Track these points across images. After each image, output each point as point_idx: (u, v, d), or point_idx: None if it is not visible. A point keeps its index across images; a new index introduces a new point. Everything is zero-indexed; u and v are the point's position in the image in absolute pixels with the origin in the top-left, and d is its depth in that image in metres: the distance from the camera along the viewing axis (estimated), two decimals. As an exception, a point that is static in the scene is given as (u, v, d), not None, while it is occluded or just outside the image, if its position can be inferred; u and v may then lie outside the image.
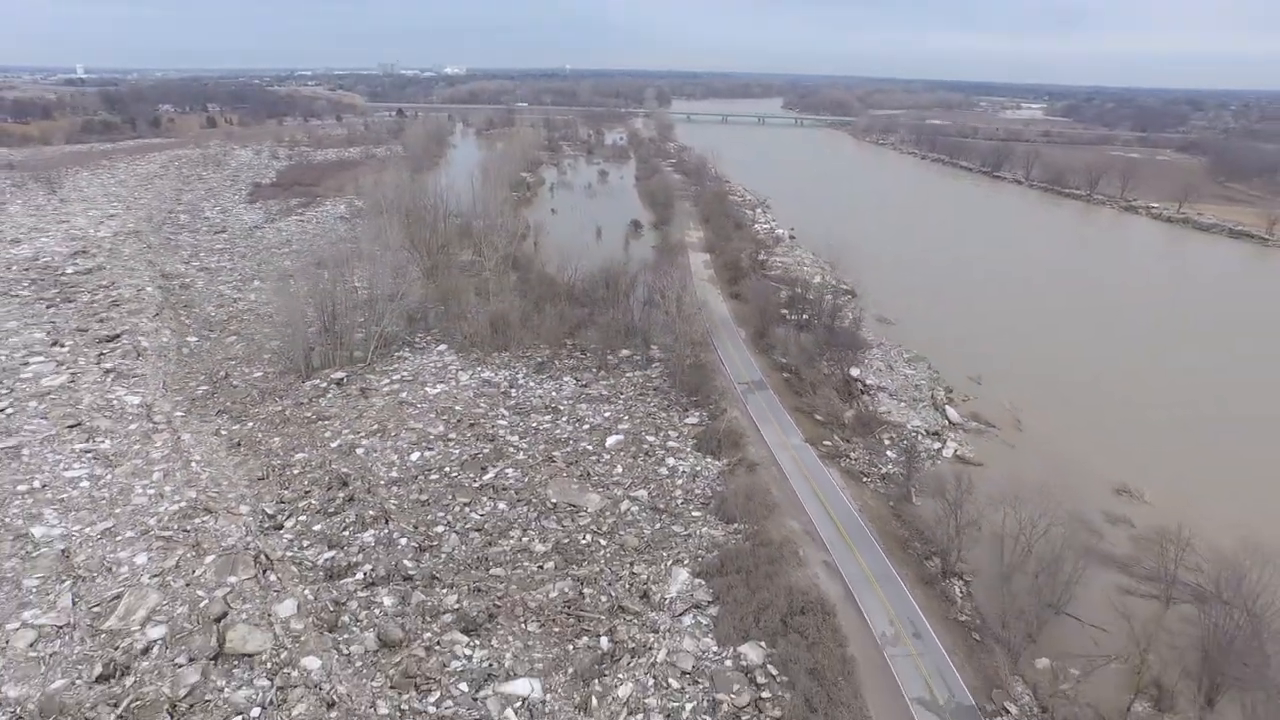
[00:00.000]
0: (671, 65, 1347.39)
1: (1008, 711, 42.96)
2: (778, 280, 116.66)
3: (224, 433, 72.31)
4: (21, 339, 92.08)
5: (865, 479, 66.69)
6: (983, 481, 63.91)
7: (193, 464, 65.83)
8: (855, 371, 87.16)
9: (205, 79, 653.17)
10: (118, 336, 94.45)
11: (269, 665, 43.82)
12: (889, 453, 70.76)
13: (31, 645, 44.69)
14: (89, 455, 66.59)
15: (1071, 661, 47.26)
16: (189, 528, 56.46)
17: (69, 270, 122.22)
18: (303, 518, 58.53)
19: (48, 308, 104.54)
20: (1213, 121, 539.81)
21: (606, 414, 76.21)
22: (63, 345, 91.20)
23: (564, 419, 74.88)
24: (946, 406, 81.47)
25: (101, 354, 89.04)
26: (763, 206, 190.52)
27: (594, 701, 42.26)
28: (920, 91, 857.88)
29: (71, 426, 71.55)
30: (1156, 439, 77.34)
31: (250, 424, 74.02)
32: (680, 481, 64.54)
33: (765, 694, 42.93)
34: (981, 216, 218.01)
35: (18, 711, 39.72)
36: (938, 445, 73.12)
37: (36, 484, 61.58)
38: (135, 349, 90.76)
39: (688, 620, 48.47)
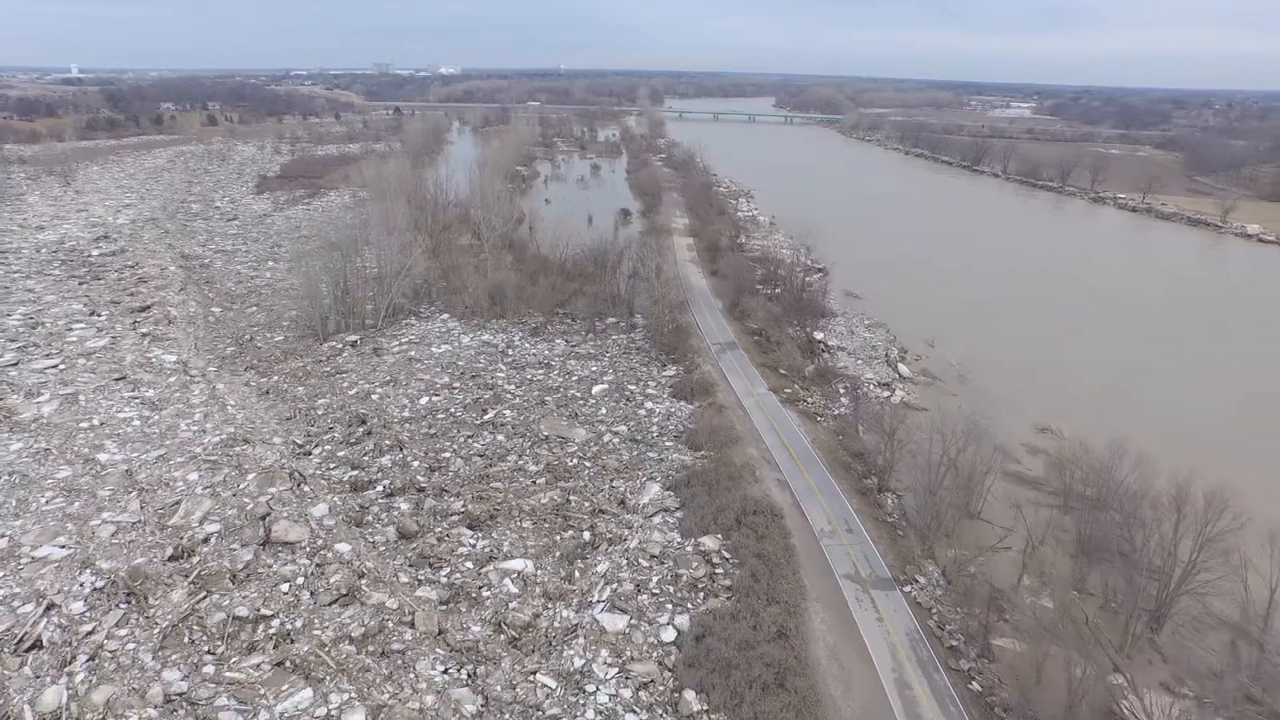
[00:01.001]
0: (665, 65, 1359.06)
1: (917, 581, 52.45)
2: (755, 260, 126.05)
3: (253, 384, 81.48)
4: (62, 309, 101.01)
5: (819, 418, 76.17)
6: (924, 420, 73.38)
7: (228, 407, 74.98)
8: (819, 335, 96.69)
9: (203, 78, 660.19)
10: (148, 308, 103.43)
11: (308, 549, 53.01)
12: (843, 399, 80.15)
13: (112, 535, 53.80)
14: (136, 401, 75.65)
15: (978, 552, 56.69)
16: (231, 454, 65.62)
17: (94, 253, 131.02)
18: (328, 447, 67.79)
19: (80, 284, 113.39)
20: (1194, 120, 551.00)
21: (593, 368, 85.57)
22: (99, 315, 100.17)
23: (555, 373, 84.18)
24: (899, 364, 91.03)
25: (135, 322, 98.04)
26: (746, 196, 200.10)
27: (577, 575, 51.62)
28: (911, 90, 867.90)
29: (118, 379, 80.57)
30: (1084, 391, 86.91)
31: (276, 377, 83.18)
32: (656, 420, 73.92)
33: (719, 570, 52.29)
34: (955, 206, 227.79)
35: (112, 579, 48.82)
36: (887, 394, 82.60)
37: (95, 422, 70.65)
38: (166, 317, 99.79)
39: (657, 520, 57.83)
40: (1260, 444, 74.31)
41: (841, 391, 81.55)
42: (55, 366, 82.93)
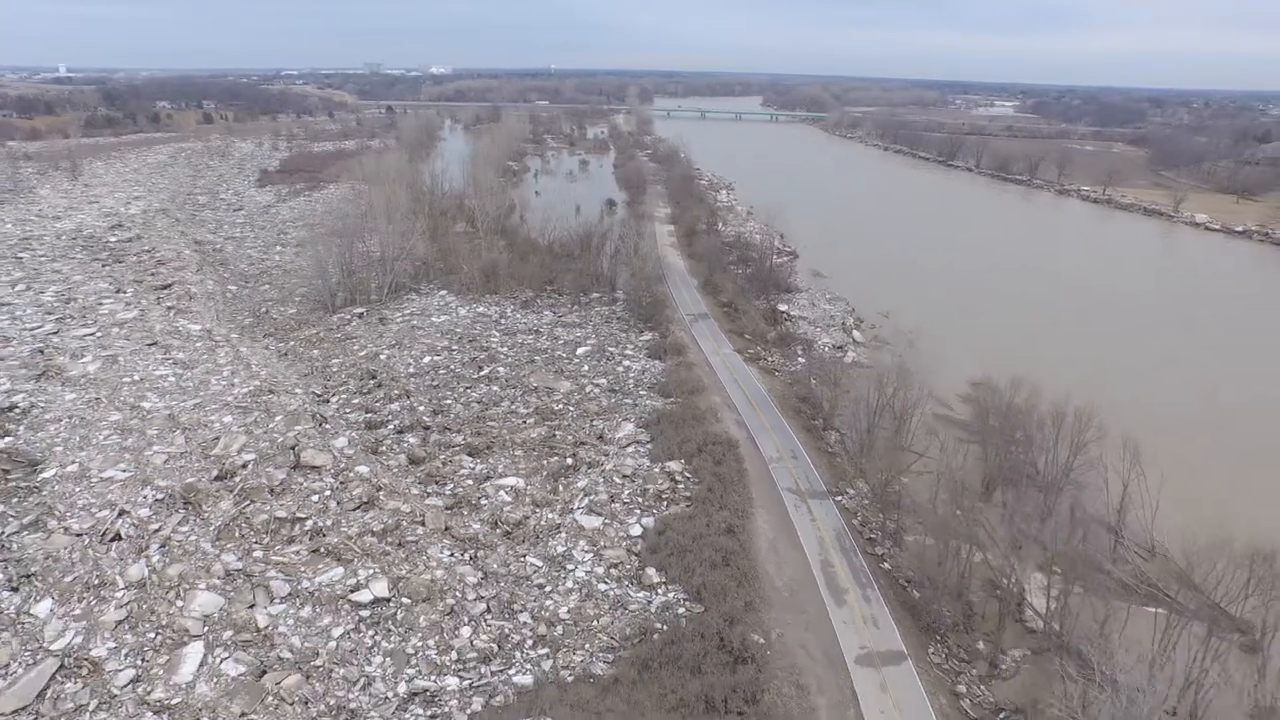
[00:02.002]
0: (655, 65, 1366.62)
1: (847, 493, 62.45)
2: (729, 243, 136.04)
3: (272, 348, 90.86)
4: (90, 287, 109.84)
5: (776, 373, 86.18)
6: (870, 374, 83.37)
7: (252, 366, 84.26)
8: (783, 307, 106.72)
9: (195, 77, 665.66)
10: (169, 286, 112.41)
11: (332, 471, 62.43)
12: (799, 359, 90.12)
13: (164, 462, 63.08)
14: (169, 361, 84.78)
15: (902, 472, 66.65)
16: (258, 401, 74.90)
17: (111, 240, 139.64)
18: (343, 396, 77.34)
19: (103, 266, 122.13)
20: (1168, 118, 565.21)
21: (578, 334, 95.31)
22: (125, 292, 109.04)
23: (544, 338, 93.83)
24: (854, 331, 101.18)
25: (159, 297, 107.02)
26: (727, 188, 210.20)
27: (560, 489, 61.38)
28: (899, 90, 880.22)
29: (150, 345, 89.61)
30: (1019, 352, 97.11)
31: (292, 343, 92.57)
32: (633, 375, 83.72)
33: (680, 485, 62.12)
34: (924, 197, 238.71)
35: (169, 493, 58.12)
36: (840, 354, 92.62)
37: (136, 377, 79.79)
38: (186, 294, 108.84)
39: (630, 450, 67.66)
40: (1153, 384, 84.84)
41: (799, 352, 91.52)
42: (92, 334, 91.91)
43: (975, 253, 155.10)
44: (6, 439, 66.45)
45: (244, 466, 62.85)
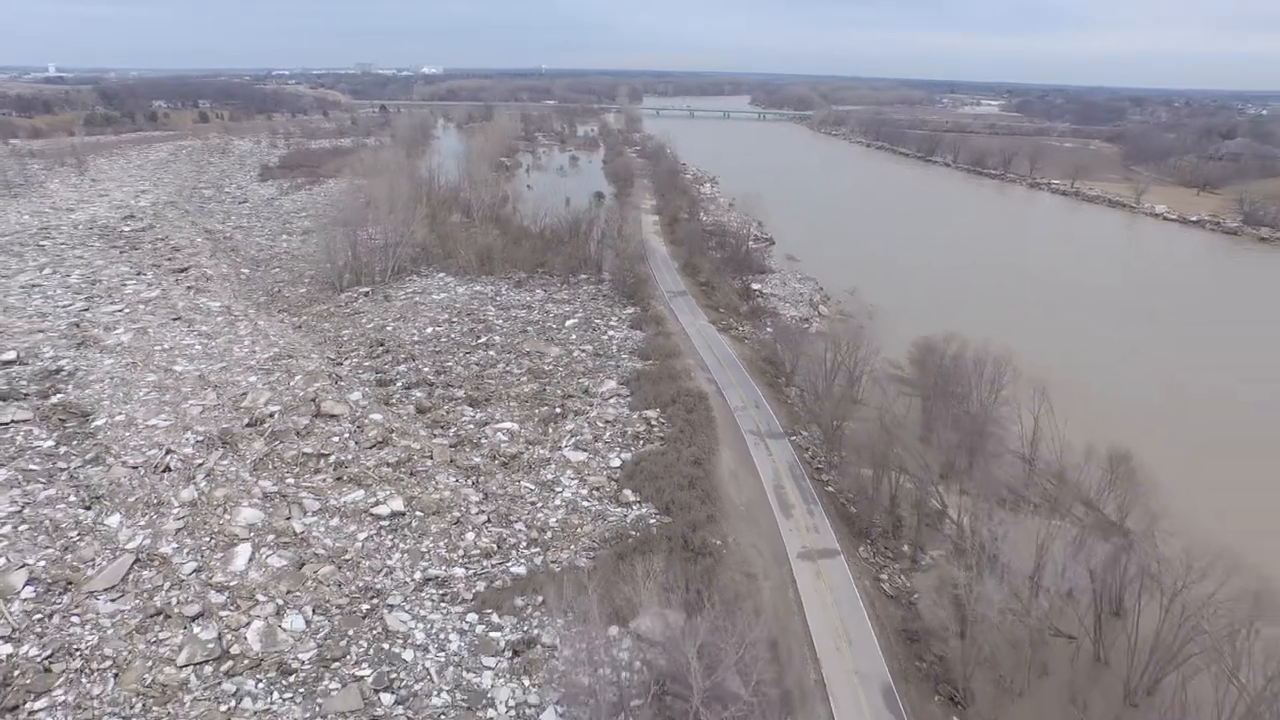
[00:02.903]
0: (646, 65, 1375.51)
1: (801, 434, 71.47)
2: (709, 230, 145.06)
3: (286, 322, 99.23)
4: (112, 270, 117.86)
5: (746, 341, 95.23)
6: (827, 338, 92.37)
7: (270, 336, 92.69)
8: (756, 285, 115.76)
9: (187, 77, 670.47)
10: (186, 269, 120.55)
11: (349, 418, 71.04)
12: (768, 329, 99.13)
13: (200, 413, 71.54)
14: (194, 333, 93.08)
15: (850, 418, 75.70)
16: (279, 364, 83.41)
17: (126, 229, 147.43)
18: (355, 360, 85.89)
19: (121, 252, 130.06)
20: (1147, 116, 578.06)
21: (566, 309, 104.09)
22: (145, 274, 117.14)
23: (535, 312, 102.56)
24: (820, 305, 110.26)
25: (178, 279, 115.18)
26: (711, 182, 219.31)
27: (550, 430, 70.19)
28: (887, 89, 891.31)
29: (174, 319, 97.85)
30: (969, 318, 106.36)
31: (304, 317, 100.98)
32: (616, 342, 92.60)
33: (655, 429, 71.01)
34: (898, 187, 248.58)
35: (208, 436, 66.61)
36: (805, 325, 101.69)
37: (166, 346, 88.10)
38: (203, 276, 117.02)
39: (612, 401, 76.49)
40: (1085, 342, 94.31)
41: (768, 324, 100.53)
42: (120, 310, 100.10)
43: (942, 239, 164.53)
44: (59, 395, 74.79)
45: (271, 415, 71.44)
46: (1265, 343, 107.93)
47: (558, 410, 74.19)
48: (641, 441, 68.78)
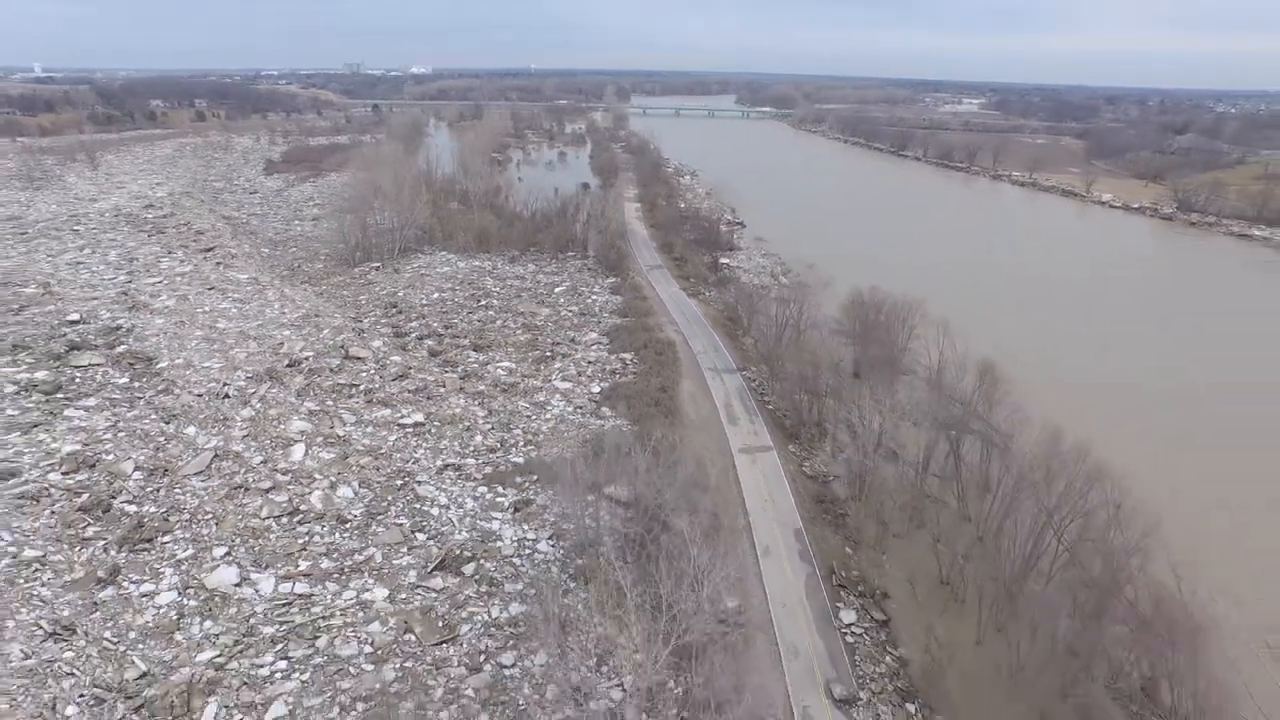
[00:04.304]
0: (634, 65, 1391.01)
1: (750, 370, 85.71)
2: (685, 215, 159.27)
3: (309, 290, 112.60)
4: (145, 250, 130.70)
5: (711, 304, 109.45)
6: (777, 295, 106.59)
7: (296, 301, 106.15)
8: (725, 260, 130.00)
9: (176, 77, 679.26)
10: (212, 249, 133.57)
11: (373, 360, 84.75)
12: (731, 295, 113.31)
13: (246, 357, 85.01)
14: (228, 299, 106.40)
15: (793, 358, 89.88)
16: (308, 321, 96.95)
17: (149, 216, 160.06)
18: (373, 318, 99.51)
19: (149, 235, 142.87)
20: (1119, 114, 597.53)
21: (555, 279, 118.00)
22: (175, 253, 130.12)
23: (528, 281, 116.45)
24: (780, 276, 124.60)
25: (205, 257, 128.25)
26: (691, 174, 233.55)
27: (542, 368, 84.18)
28: (872, 87, 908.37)
29: (209, 289, 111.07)
30: (908, 278, 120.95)
31: (324, 287, 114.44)
32: (598, 304, 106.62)
33: (629, 367, 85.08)
34: (866, 179, 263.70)
35: (255, 372, 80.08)
36: (765, 292, 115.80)
37: (206, 309, 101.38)
38: (229, 254, 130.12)
39: (594, 347, 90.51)
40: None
41: (732, 290, 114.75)
42: (160, 282, 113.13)
43: (899, 219, 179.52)
44: (123, 346, 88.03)
45: (306, 359, 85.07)
46: (1177, 305, 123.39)
47: (548, 354, 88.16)
48: (617, 375, 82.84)
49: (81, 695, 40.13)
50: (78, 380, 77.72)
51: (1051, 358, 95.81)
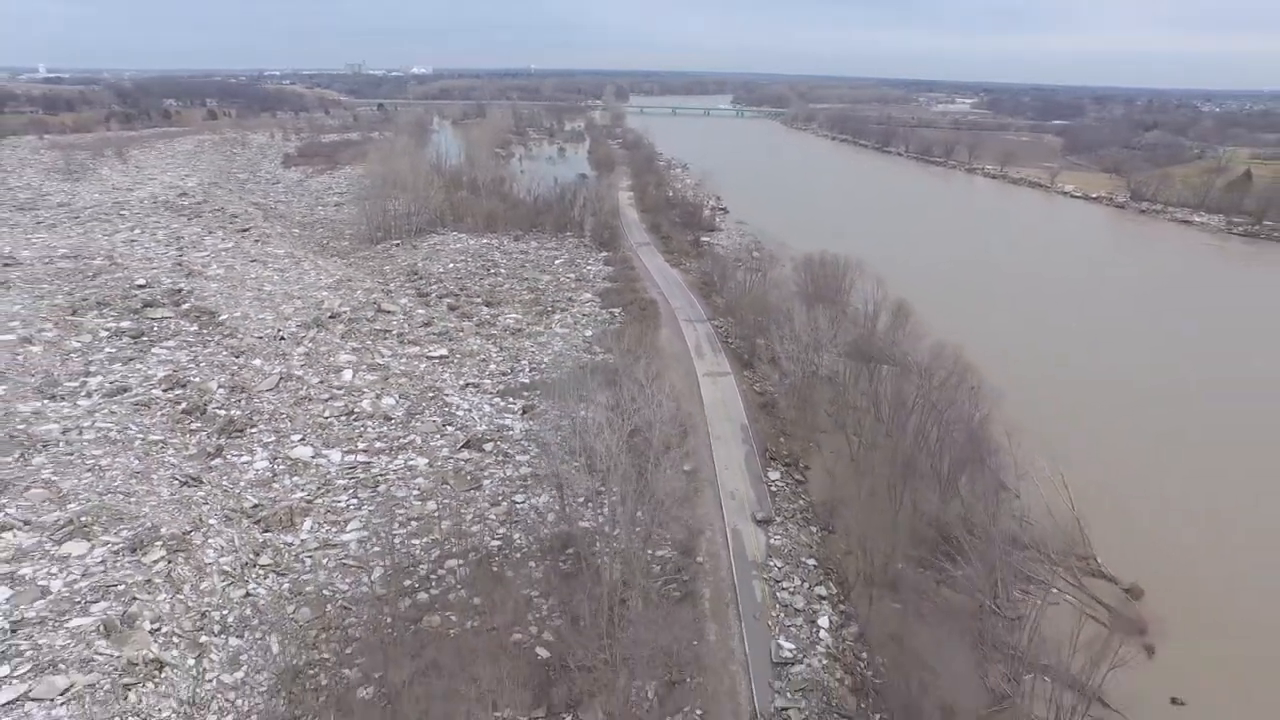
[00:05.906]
0: (633, 65, 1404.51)
1: (718, 320, 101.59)
2: (674, 202, 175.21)
3: (339, 262, 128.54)
4: (188, 230, 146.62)
5: (690, 273, 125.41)
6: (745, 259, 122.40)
7: (330, 270, 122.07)
8: (706, 238, 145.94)
9: (179, 77, 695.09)
10: (248, 229, 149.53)
11: (402, 313, 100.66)
12: (708, 265, 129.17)
13: (293, 312, 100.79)
14: (270, 269, 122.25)
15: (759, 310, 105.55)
16: (343, 284, 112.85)
17: (184, 203, 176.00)
18: (398, 283, 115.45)
19: (189, 219, 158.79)
20: (1104, 112, 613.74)
21: (555, 254, 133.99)
22: (215, 233, 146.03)
23: (531, 255, 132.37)
24: (754, 252, 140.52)
25: (243, 236, 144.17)
26: (682, 167, 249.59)
27: (543, 320, 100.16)
28: (867, 87, 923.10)
29: (251, 261, 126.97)
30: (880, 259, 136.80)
31: (352, 259, 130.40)
32: (592, 272, 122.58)
33: (617, 318, 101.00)
34: (848, 173, 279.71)
35: (302, 321, 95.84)
36: (738, 264, 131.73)
37: (252, 276, 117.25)
38: (263, 233, 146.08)
39: (588, 305, 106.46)
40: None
41: (709, 262, 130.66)
42: (207, 256, 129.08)
43: (871, 204, 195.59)
44: (187, 304, 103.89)
45: (345, 312, 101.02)
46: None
47: (549, 309, 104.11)
48: (607, 325, 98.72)
49: (214, 516, 55.95)
50: (155, 328, 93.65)
51: (992, 319, 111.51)
